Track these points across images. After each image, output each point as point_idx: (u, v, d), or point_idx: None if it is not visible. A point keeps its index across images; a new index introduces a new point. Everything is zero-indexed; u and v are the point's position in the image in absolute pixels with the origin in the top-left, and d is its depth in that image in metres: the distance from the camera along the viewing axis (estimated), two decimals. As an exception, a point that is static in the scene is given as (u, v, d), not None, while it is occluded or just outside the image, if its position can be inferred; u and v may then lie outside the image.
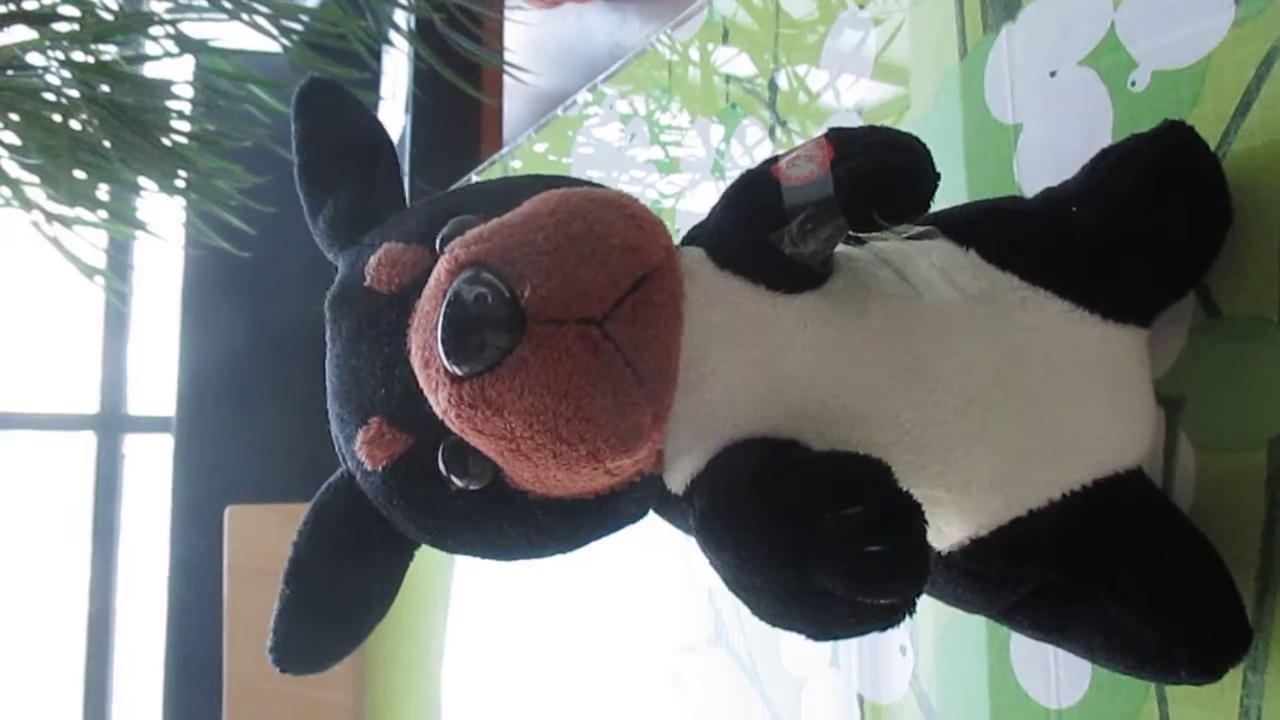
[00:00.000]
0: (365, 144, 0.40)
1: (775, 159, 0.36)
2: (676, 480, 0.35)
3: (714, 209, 0.37)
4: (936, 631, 0.52)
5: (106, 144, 1.33)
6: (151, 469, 1.93)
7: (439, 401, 0.30)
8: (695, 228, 0.38)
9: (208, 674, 1.34)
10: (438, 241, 0.34)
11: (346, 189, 0.39)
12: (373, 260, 0.35)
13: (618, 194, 0.33)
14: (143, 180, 1.41)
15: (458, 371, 0.30)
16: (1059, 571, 0.38)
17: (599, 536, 0.36)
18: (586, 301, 0.30)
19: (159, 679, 1.75)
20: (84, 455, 2.02)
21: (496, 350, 0.29)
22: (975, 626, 0.49)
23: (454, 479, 0.33)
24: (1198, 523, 0.39)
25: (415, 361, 0.31)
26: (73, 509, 1.98)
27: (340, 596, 0.37)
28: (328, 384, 0.36)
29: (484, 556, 0.37)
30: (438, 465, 0.33)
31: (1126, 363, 0.39)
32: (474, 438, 0.31)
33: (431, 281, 0.31)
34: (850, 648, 0.57)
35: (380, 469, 0.34)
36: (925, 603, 0.42)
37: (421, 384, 0.31)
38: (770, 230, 0.34)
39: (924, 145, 0.34)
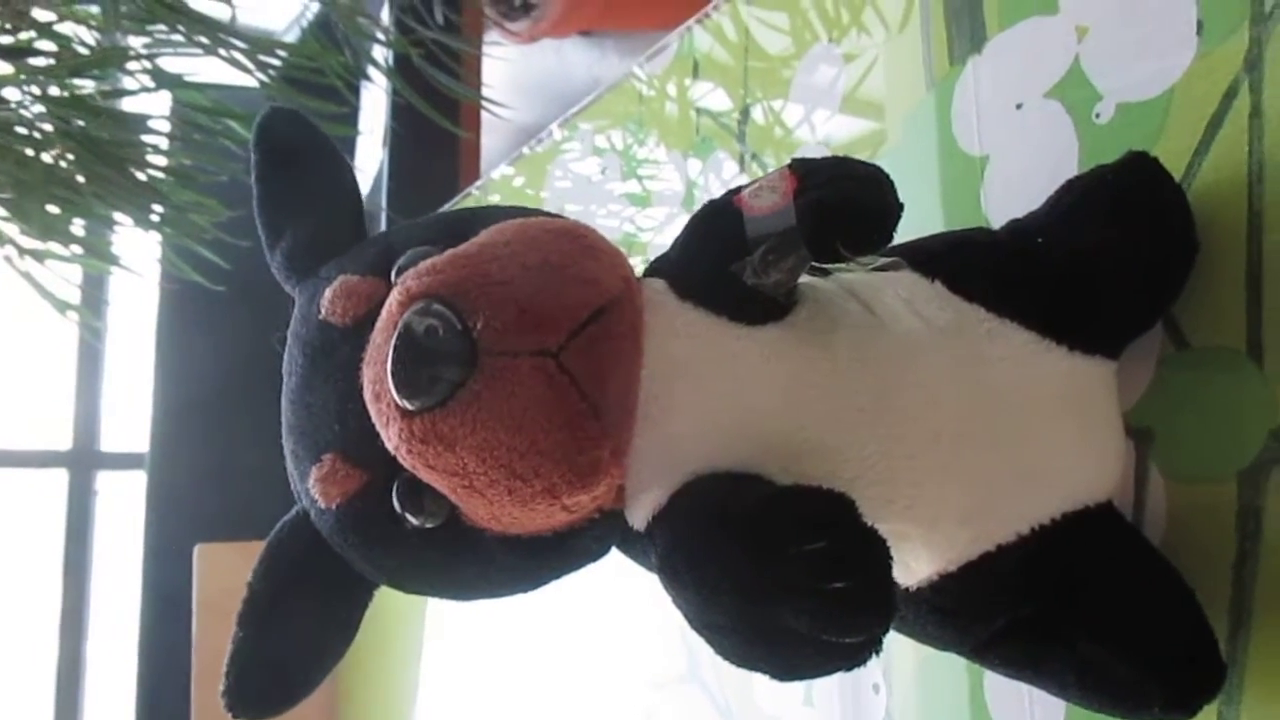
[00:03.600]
0: (325, 175, 0.39)
1: (738, 189, 0.35)
2: (638, 516, 0.34)
3: (676, 239, 0.37)
4: (910, 670, 0.51)
5: (80, 178, 1.33)
6: (124, 506, 1.91)
7: (390, 437, 0.30)
8: (658, 259, 0.38)
9: (179, 714, 1.32)
10: (394, 273, 0.34)
11: (305, 220, 0.38)
12: (328, 293, 0.34)
13: (575, 224, 0.32)
14: (117, 215, 1.40)
15: (408, 406, 0.29)
16: (1029, 607, 0.37)
17: (560, 575, 0.36)
18: (541, 333, 0.29)
19: (130, 717, 1.72)
20: (56, 492, 1.99)
21: (448, 384, 0.29)
22: (950, 664, 0.48)
23: (409, 517, 0.33)
24: (1169, 556, 0.39)
25: (367, 395, 0.31)
26: (44, 546, 1.96)
27: (296, 638, 0.36)
28: (283, 419, 0.36)
29: (442, 596, 0.36)
30: (392, 503, 0.33)
31: (1095, 394, 0.38)
32: (426, 474, 0.30)
33: (383, 313, 0.31)
34: (824, 686, 0.56)
35: (334, 507, 0.33)
36: (899, 640, 0.41)
37: (373, 419, 0.30)
38: (732, 261, 0.34)
39: (888, 176, 0.34)
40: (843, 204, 0.32)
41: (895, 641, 0.35)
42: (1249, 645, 0.37)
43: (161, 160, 1.42)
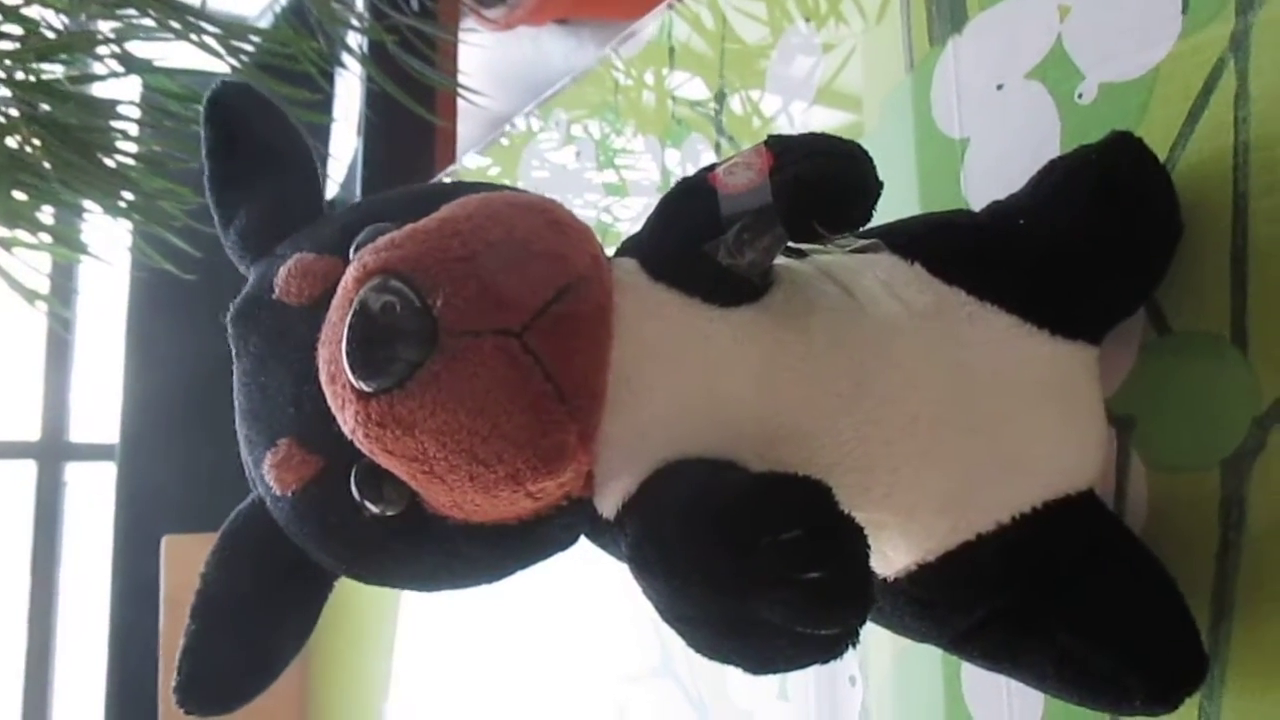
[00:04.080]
0: (281, 150, 0.38)
1: (712, 166, 0.34)
2: (608, 504, 0.33)
3: (648, 219, 0.36)
4: (887, 662, 0.50)
5: (47, 165, 1.30)
6: (93, 497, 1.89)
7: (346, 420, 0.28)
8: (629, 238, 0.36)
9: (148, 706, 1.30)
10: (352, 250, 0.32)
11: (259, 198, 0.37)
12: (282, 271, 0.33)
13: (541, 199, 0.31)
14: (86, 202, 1.37)
15: (364, 387, 0.28)
16: (1008, 598, 0.36)
17: (526, 565, 0.34)
18: (504, 312, 0.28)
19: (99, 710, 1.70)
20: (24, 483, 1.97)
21: (406, 364, 0.27)
22: (926, 656, 0.47)
23: (368, 504, 0.31)
24: (1150, 546, 0.38)
25: (322, 377, 0.29)
26: (12, 538, 1.94)
27: (251, 632, 0.35)
28: (235, 404, 0.34)
29: (404, 587, 0.35)
30: (351, 490, 0.31)
31: (1076, 380, 0.37)
32: (384, 459, 0.29)
33: (339, 291, 0.29)
34: (799, 679, 0.56)
35: (290, 494, 0.32)
36: (875, 631, 0.40)
37: (329, 402, 0.29)
38: (706, 240, 0.33)
39: (866, 153, 0.32)
40: (820, 181, 0.31)
41: (872, 633, 0.34)
42: (1231, 637, 0.37)
43: (131, 147, 1.40)
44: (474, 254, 0.28)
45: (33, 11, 1.29)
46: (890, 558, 0.37)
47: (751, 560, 0.28)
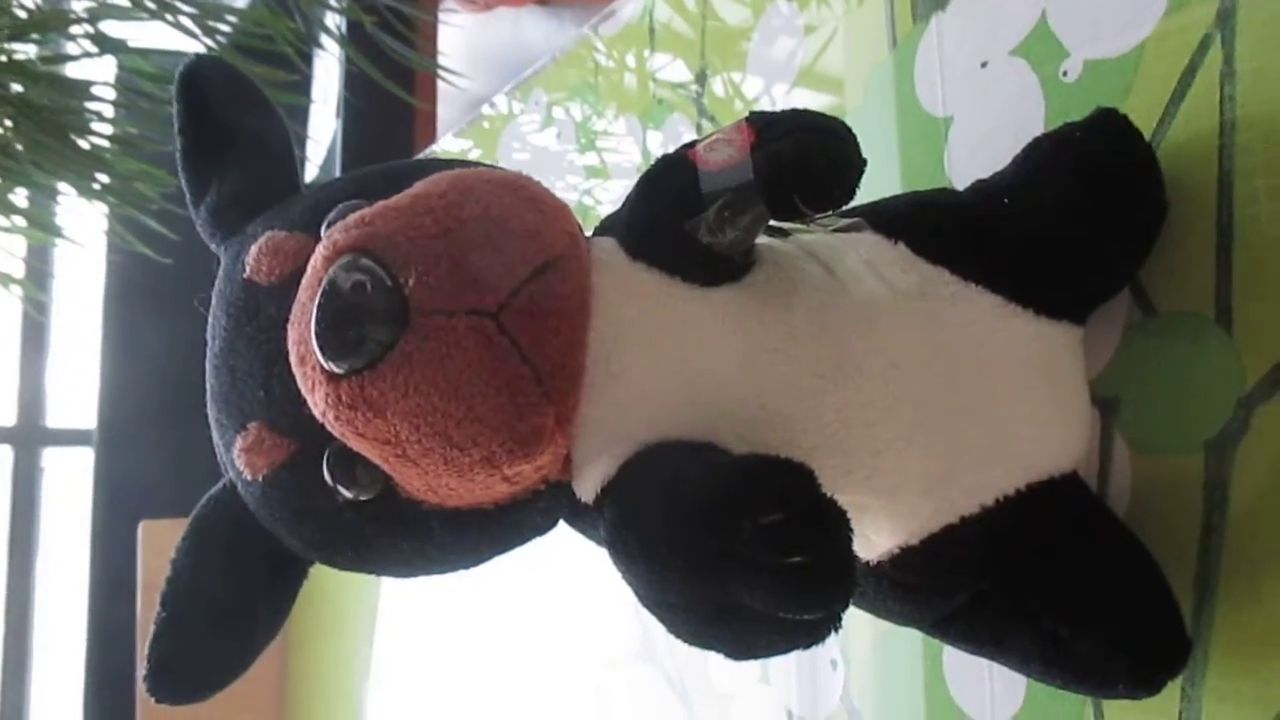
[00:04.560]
0: (253, 126, 0.37)
1: (693, 143, 0.33)
2: (587, 488, 0.33)
3: (628, 197, 0.35)
4: (868, 645, 0.50)
5: (19, 146, 1.28)
6: (71, 483, 1.87)
7: (316, 402, 0.28)
8: (608, 217, 0.36)
9: (126, 693, 1.29)
10: (323, 228, 0.31)
11: (231, 175, 0.36)
12: (253, 249, 0.32)
13: (516, 175, 0.31)
14: (60, 185, 1.36)
15: (334, 369, 0.27)
16: (991, 581, 0.36)
17: (503, 550, 0.34)
18: (479, 291, 0.27)
19: (78, 697, 1.69)
20: (1, 469, 1.95)
21: (377, 344, 0.27)
22: (909, 640, 0.47)
23: (341, 489, 0.31)
24: (1134, 528, 0.37)
25: (292, 358, 0.29)
26: (-13, 525, 1.92)
27: (222, 620, 0.34)
28: (207, 386, 0.33)
29: (379, 573, 0.34)
30: (323, 474, 0.31)
31: (1060, 361, 0.37)
32: (356, 442, 0.28)
33: (309, 270, 0.28)
34: (781, 663, 0.55)
35: (261, 479, 0.31)
36: (857, 615, 0.40)
37: (299, 383, 0.28)
38: (686, 218, 0.32)
39: (849, 129, 0.32)
40: (802, 157, 0.31)
41: (853, 617, 0.34)
42: (1214, 620, 0.36)
43: (106, 128, 1.38)
44: (447, 231, 0.28)
45: (4, -10, 1.27)
46: (873, 541, 0.36)
47: (732, 544, 0.27)
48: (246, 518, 0.33)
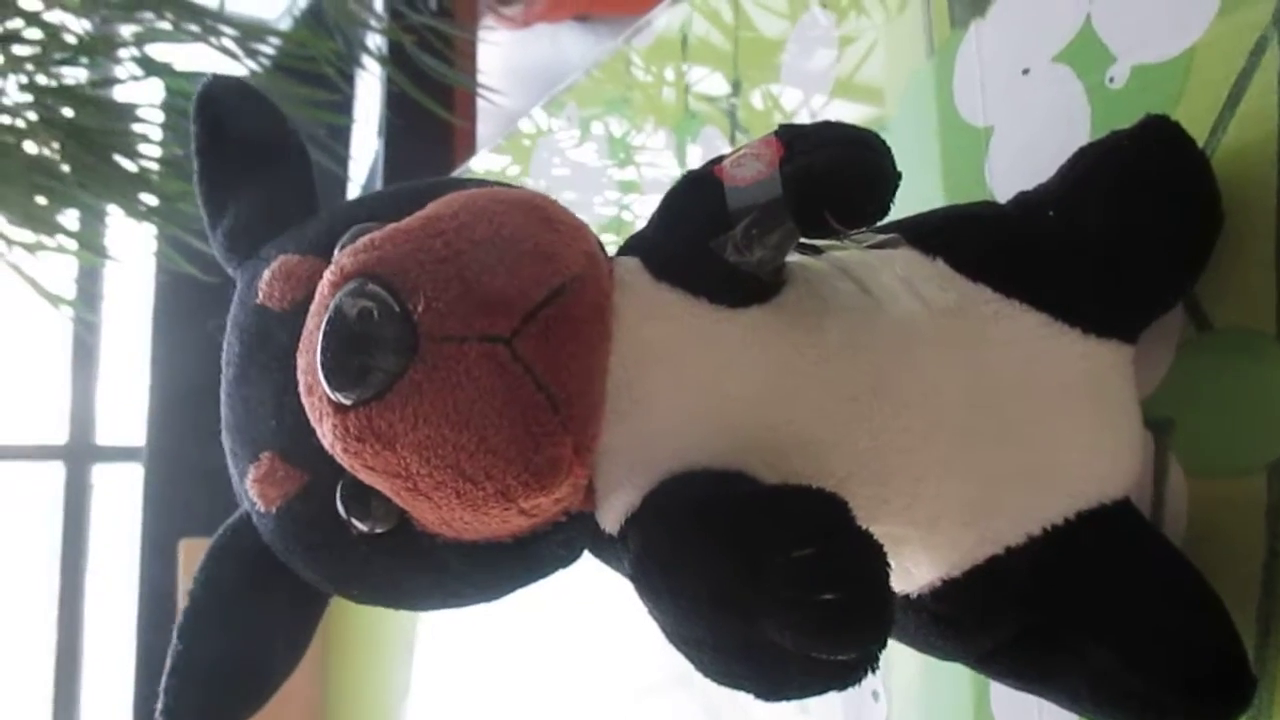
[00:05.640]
0: (270, 147, 0.36)
1: (719, 158, 0.32)
2: (609, 518, 0.31)
3: (653, 215, 0.34)
4: (912, 676, 0.48)
5: (65, 168, 1.31)
6: (120, 499, 1.90)
7: (324, 434, 0.27)
8: (633, 236, 0.34)
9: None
10: (336, 252, 0.31)
11: (249, 197, 0.35)
12: (265, 274, 0.31)
13: (531, 194, 0.29)
14: (109, 206, 1.38)
15: (341, 399, 0.26)
16: (1039, 615, 0.34)
17: (523, 584, 0.33)
18: (491, 316, 0.26)
19: (128, 713, 1.71)
20: (52, 485, 1.99)
21: (384, 374, 0.26)
22: (954, 673, 0.45)
23: (355, 522, 0.30)
24: (1191, 558, 0.36)
25: (301, 388, 0.28)
26: (41, 540, 1.95)
27: (240, 653, 0.33)
28: (221, 415, 0.33)
29: (395, 607, 0.33)
30: (337, 506, 0.30)
31: (1110, 382, 0.35)
32: (365, 475, 0.27)
33: (316, 296, 0.28)
34: (821, 692, 0.54)
35: (274, 510, 0.31)
36: (900, 645, 0.38)
37: (308, 413, 0.28)
38: (713, 236, 0.31)
39: (882, 141, 0.30)
40: (832, 172, 0.29)
41: (896, 647, 0.33)
42: None
43: (152, 150, 1.40)
44: (458, 254, 0.27)
45: (53, 16, 1.30)
46: (912, 573, 0.35)
47: (761, 580, 0.26)
48: (264, 548, 0.33)
